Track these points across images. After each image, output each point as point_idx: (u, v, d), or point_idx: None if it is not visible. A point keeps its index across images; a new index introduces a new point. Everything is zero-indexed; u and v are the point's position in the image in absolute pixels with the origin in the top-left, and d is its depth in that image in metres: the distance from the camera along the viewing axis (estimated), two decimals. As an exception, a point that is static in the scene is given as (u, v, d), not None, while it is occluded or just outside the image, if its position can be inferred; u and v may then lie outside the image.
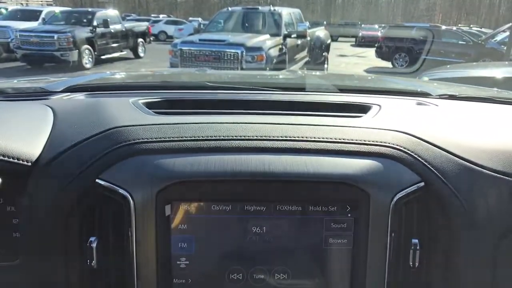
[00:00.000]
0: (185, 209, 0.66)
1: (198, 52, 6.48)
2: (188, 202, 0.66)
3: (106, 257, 0.68)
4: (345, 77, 2.03)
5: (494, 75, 3.76)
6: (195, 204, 0.66)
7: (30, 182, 0.68)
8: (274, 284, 0.69)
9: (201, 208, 0.67)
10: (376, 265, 0.67)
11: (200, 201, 0.66)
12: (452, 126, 0.87)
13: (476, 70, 4.27)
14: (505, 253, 0.73)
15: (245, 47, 6.33)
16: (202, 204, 0.66)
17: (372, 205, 0.66)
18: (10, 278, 0.75)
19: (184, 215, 0.66)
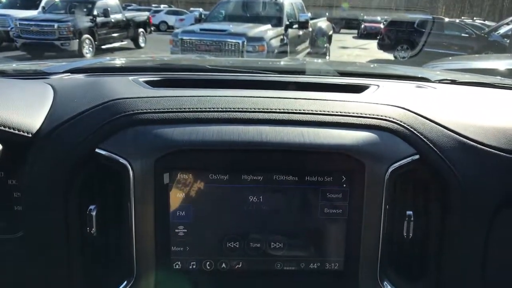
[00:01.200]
0: (183, 178, 0.66)
1: (199, 41, 6.45)
2: (186, 171, 0.66)
3: (105, 225, 0.69)
4: (345, 63, 2.04)
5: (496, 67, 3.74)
6: (193, 173, 0.67)
7: (30, 154, 0.69)
8: (270, 253, 0.70)
9: (199, 177, 0.67)
10: (371, 236, 0.68)
11: (198, 170, 0.67)
12: (449, 105, 0.88)
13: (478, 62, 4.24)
14: (499, 227, 0.73)
15: (246, 37, 6.30)
16: (200, 173, 0.67)
17: (367, 175, 0.66)
18: (12, 250, 0.75)
19: (182, 184, 0.67)
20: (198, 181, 0.67)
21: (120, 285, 0.68)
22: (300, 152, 0.66)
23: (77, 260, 0.70)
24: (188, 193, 0.67)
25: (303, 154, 0.66)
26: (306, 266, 0.71)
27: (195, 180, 0.67)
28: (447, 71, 1.93)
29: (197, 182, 0.67)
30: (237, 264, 0.70)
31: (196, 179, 0.67)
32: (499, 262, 0.76)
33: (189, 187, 0.67)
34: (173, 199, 0.67)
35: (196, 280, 0.69)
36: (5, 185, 0.79)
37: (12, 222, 0.79)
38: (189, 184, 0.67)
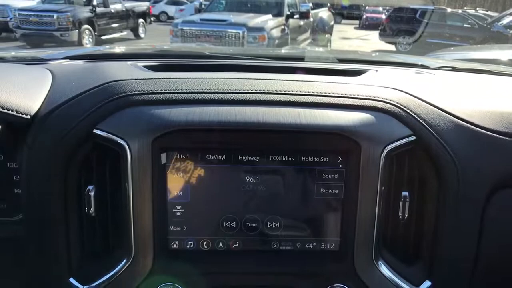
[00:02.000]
0: (181, 158, 0.67)
1: (199, 32, 6.42)
2: (183, 151, 0.67)
3: (104, 205, 0.70)
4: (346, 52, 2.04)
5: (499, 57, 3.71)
6: (190, 154, 0.67)
7: (29, 135, 0.70)
8: (266, 232, 0.70)
9: (196, 157, 0.67)
10: (366, 216, 0.69)
11: (195, 150, 0.67)
12: (447, 89, 0.88)
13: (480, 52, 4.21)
14: (494, 208, 0.74)
15: (247, 27, 6.26)
16: (197, 153, 0.67)
17: (363, 156, 0.67)
18: (13, 232, 0.76)
19: (180, 164, 0.67)
20: (195, 161, 0.68)
21: (119, 264, 0.69)
22: (297, 132, 0.66)
23: (76, 240, 0.71)
24: (185, 173, 0.68)
25: (299, 135, 0.67)
26: (302, 246, 0.71)
27: (192, 160, 0.68)
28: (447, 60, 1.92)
29: (194, 162, 0.68)
30: (234, 243, 0.71)
31: (193, 159, 0.68)
32: (493, 244, 0.76)
33: (187, 167, 0.68)
34: (171, 179, 0.68)
35: (193, 260, 0.70)
36: (5, 168, 0.80)
37: (12, 204, 0.80)
38: (186, 164, 0.68)
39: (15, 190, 0.81)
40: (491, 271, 0.78)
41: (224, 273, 0.69)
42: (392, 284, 0.71)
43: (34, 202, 0.69)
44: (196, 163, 0.68)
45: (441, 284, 0.74)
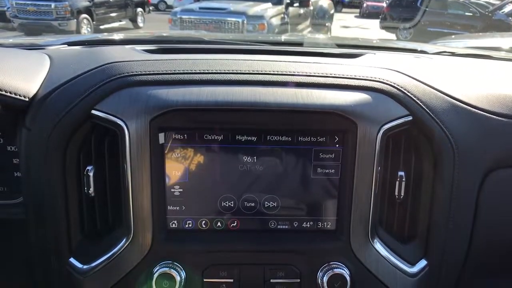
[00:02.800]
0: (178, 138, 0.68)
1: (198, 20, 6.37)
2: (181, 131, 0.67)
3: (103, 185, 0.70)
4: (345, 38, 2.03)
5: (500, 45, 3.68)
6: (188, 133, 0.68)
7: (28, 118, 0.70)
8: (264, 212, 0.71)
9: (193, 137, 0.68)
10: (363, 196, 0.69)
11: (193, 130, 0.68)
12: (444, 71, 0.88)
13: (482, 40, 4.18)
14: (489, 188, 0.75)
15: (246, 16, 6.21)
16: (195, 133, 0.68)
17: (359, 135, 0.67)
18: (14, 215, 0.77)
19: (178, 144, 0.68)
20: (193, 141, 0.68)
21: (118, 243, 0.70)
22: (293, 112, 0.67)
23: (76, 221, 0.72)
24: (183, 153, 0.69)
25: (296, 114, 0.67)
26: (299, 225, 0.72)
27: (190, 141, 0.68)
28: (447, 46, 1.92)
29: (192, 142, 0.68)
30: (232, 223, 0.72)
31: (191, 139, 0.68)
32: (488, 224, 0.77)
33: (184, 147, 0.68)
34: (169, 159, 0.68)
35: (192, 239, 0.71)
36: (4, 151, 0.80)
37: (12, 187, 0.81)
38: (184, 144, 0.68)
39: (15, 174, 0.82)
40: (486, 250, 0.79)
41: (222, 251, 0.70)
42: (388, 262, 0.72)
43: (33, 183, 0.70)
44: (194, 143, 0.68)
45: (436, 263, 0.75)
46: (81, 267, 0.71)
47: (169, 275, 0.68)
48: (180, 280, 0.68)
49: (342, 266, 0.70)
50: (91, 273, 0.70)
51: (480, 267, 0.82)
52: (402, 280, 0.73)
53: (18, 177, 0.78)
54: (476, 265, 0.80)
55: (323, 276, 0.70)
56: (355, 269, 0.71)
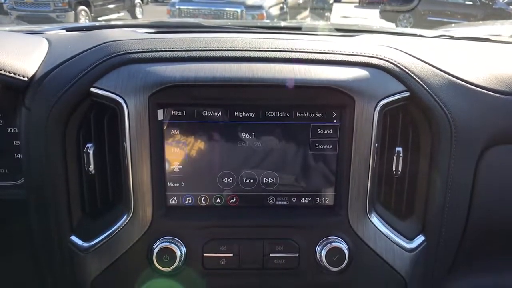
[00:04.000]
0: (177, 115, 0.68)
1: (197, 11, 6.35)
2: (179, 107, 0.68)
3: (103, 162, 0.71)
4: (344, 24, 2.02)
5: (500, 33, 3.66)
6: (186, 110, 0.68)
7: (27, 97, 0.70)
8: (263, 188, 0.72)
9: (192, 114, 0.68)
10: (360, 171, 0.70)
11: (191, 106, 0.68)
12: (442, 50, 0.88)
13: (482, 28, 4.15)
14: (486, 165, 0.75)
15: (245, 6, 6.19)
16: (193, 110, 0.68)
17: (357, 111, 0.68)
18: (16, 196, 0.78)
19: (176, 121, 0.68)
20: (192, 117, 0.69)
21: (119, 220, 0.70)
22: (291, 87, 0.67)
23: (77, 199, 0.72)
24: (182, 129, 0.69)
25: (294, 89, 0.67)
26: (297, 200, 0.73)
27: (188, 117, 0.69)
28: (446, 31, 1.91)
29: (190, 118, 0.69)
30: (231, 199, 0.73)
31: (189, 115, 0.69)
32: (485, 201, 0.78)
33: (183, 123, 0.69)
34: (168, 135, 0.69)
35: (191, 215, 0.72)
36: (4, 133, 0.81)
37: (13, 169, 0.82)
38: (183, 120, 0.69)
39: (15, 155, 0.83)
40: (483, 228, 0.80)
41: (222, 226, 0.71)
42: (386, 237, 0.73)
43: (33, 162, 0.71)
44: (193, 119, 0.69)
45: (434, 239, 0.76)
46: (82, 245, 0.72)
47: (169, 250, 0.68)
48: (180, 255, 0.69)
49: (340, 240, 0.71)
50: (92, 250, 0.71)
51: (477, 246, 0.83)
52: (400, 255, 0.74)
53: (19, 159, 0.79)
54: (474, 243, 0.81)
55: (321, 250, 0.71)
56: (353, 243, 0.72)
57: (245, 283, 0.73)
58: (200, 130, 0.69)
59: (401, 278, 0.76)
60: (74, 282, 0.74)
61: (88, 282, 0.72)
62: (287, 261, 0.71)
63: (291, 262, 0.71)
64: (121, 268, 0.71)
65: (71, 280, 0.74)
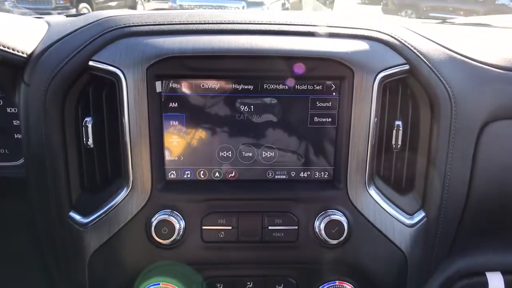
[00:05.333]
0: (176, 87, 0.68)
1: (198, 7, 6.34)
2: (177, 79, 0.68)
3: (101, 137, 0.71)
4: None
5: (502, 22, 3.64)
6: (185, 82, 0.68)
7: (26, 73, 0.71)
8: (261, 162, 0.72)
9: (190, 86, 0.68)
10: (359, 144, 0.70)
11: (190, 78, 0.68)
12: (442, 30, 0.88)
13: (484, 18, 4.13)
14: (487, 140, 0.75)
15: (246, 2, 6.19)
16: (192, 82, 0.68)
17: (356, 83, 0.67)
18: (16, 174, 0.78)
19: (175, 93, 0.68)
20: (190, 90, 0.68)
21: (118, 195, 0.70)
22: (290, 58, 0.67)
23: (76, 174, 0.72)
24: (180, 102, 0.69)
25: (292, 61, 0.67)
26: (296, 174, 0.73)
27: (187, 89, 0.68)
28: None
29: (189, 90, 0.69)
30: (230, 173, 0.72)
31: (188, 87, 0.68)
32: (485, 177, 0.77)
33: (182, 96, 0.69)
34: (166, 108, 0.69)
35: (190, 189, 0.72)
36: (4, 113, 0.81)
37: (14, 149, 0.82)
38: (181, 93, 0.68)
39: (15, 135, 0.83)
40: (484, 205, 0.80)
41: (221, 199, 0.71)
42: (386, 211, 0.73)
43: (33, 138, 0.71)
44: (191, 92, 0.69)
45: (434, 215, 0.76)
46: (81, 220, 0.72)
47: (168, 222, 0.68)
48: (179, 228, 0.69)
49: (339, 213, 0.71)
50: (91, 224, 0.71)
51: (477, 225, 0.82)
52: (400, 230, 0.74)
53: (19, 139, 0.79)
54: (474, 222, 0.81)
55: (320, 222, 0.70)
56: (353, 216, 0.72)
57: (244, 256, 0.72)
58: (199, 103, 0.69)
59: (402, 254, 0.75)
60: (74, 257, 0.74)
61: (87, 256, 0.72)
62: (286, 234, 0.71)
63: (290, 235, 0.71)
64: (120, 242, 0.71)
65: (70, 255, 0.75)
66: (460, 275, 0.90)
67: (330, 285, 0.74)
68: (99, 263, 0.73)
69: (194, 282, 0.73)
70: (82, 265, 0.73)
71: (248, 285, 0.74)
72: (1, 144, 0.83)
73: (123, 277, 0.73)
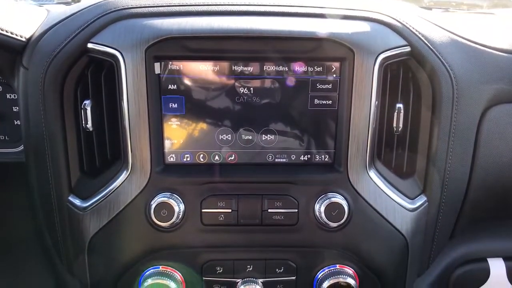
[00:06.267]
0: (174, 69, 0.67)
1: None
2: (177, 61, 0.67)
3: (101, 120, 0.70)
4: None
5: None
6: (184, 64, 0.67)
7: (25, 56, 0.70)
8: (261, 145, 0.71)
9: (189, 68, 0.68)
10: (360, 127, 0.69)
11: (189, 59, 0.67)
12: (445, 15, 0.87)
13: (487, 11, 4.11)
14: (488, 124, 0.74)
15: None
16: (191, 64, 0.67)
17: (356, 64, 0.66)
18: (16, 159, 0.78)
19: (174, 75, 0.68)
20: (189, 72, 0.68)
21: (117, 178, 0.70)
22: (289, 39, 0.66)
23: (75, 158, 0.72)
24: (179, 84, 0.68)
25: (292, 41, 0.66)
26: (297, 158, 0.72)
27: (186, 71, 0.68)
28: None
29: (188, 72, 0.68)
30: (230, 156, 0.72)
31: (187, 69, 0.68)
32: (487, 160, 0.77)
33: (181, 78, 0.68)
34: (165, 90, 0.68)
35: (190, 172, 0.71)
36: (4, 99, 0.81)
37: (13, 136, 0.82)
38: (180, 74, 0.68)
39: (15, 122, 0.83)
40: (485, 190, 0.79)
41: (220, 182, 0.71)
42: (386, 195, 0.72)
43: (32, 122, 0.70)
44: (190, 74, 0.68)
45: (435, 199, 0.75)
46: (80, 204, 0.72)
47: (167, 205, 0.68)
48: (178, 211, 0.69)
49: (340, 196, 0.70)
50: (90, 208, 0.71)
51: (479, 209, 0.81)
52: (401, 214, 0.73)
53: (19, 125, 0.79)
54: (475, 206, 0.80)
55: (320, 205, 0.70)
56: (353, 199, 0.71)
57: (244, 239, 0.72)
58: (198, 85, 0.69)
59: (403, 238, 0.75)
60: (73, 240, 0.74)
61: (87, 240, 0.72)
62: (286, 217, 0.71)
63: (290, 218, 0.71)
64: (119, 225, 0.71)
65: (70, 239, 0.75)
66: (461, 261, 0.90)
67: (331, 268, 0.74)
68: (98, 247, 0.73)
69: (194, 265, 0.73)
70: (82, 249, 0.73)
71: (248, 268, 0.73)
72: (1, 130, 0.83)
73: (122, 260, 0.73)
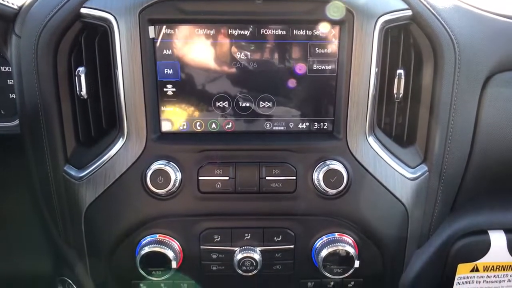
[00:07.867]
0: (169, 33, 0.66)
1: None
2: (171, 24, 0.65)
3: (95, 86, 0.69)
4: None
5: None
6: (179, 28, 0.66)
7: (17, 24, 0.69)
8: (259, 113, 0.70)
9: (185, 32, 0.66)
10: (360, 92, 0.67)
11: (184, 23, 0.65)
12: None
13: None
14: (491, 91, 0.72)
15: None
16: (186, 28, 0.66)
17: (356, 27, 0.65)
18: (11, 132, 0.77)
19: (169, 39, 0.66)
20: (185, 36, 0.66)
21: (113, 146, 0.69)
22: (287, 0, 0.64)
23: (70, 127, 0.71)
24: (174, 49, 0.67)
25: (290, 2, 0.64)
26: (295, 126, 0.71)
27: (181, 36, 0.66)
28: None
29: (183, 37, 0.66)
30: (227, 124, 0.71)
31: (182, 34, 0.66)
32: (488, 130, 0.75)
33: (176, 42, 0.66)
34: (160, 55, 0.67)
35: (186, 140, 0.70)
36: None
37: (9, 110, 0.81)
38: (175, 39, 0.66)
39: (10, 95, 0.82)
40: (486, 160, 0.78)
41: (217, 150, 0.69)
42: (386, 163, 0.71)
43: (26, 90, 0.69)
44: (185, 38, 0.66)
45: (436, 169, 0.74)
46: (76, 174, 0.71)
47: (164, 172, 0.67)
48: (175, 179, 0.68)
49: (338, 163, 0.69)
50: (86, 177, 0.70)
51: (480, 180, 0.80)
52: (401, 183, 0.72)
53: (14, 99, 0.77)
54: (476, 177, 0.79)
55: (319, 173, 0.69)
56: (352, 167, 0.70)
57: (242, 207, 0.71)
58: (194, 50, 0.67)
59: (403, 207, 0.74)
60: (70, 210, 0.74)
61: (83, 209, 0.72)
62: (284, 184, 0.70)
63: (288, 186, 0.70)
64: (115, 193, 0.70)
65: (67, 209, 0.74)
66: (462, 234, 0.89)
67: (329, 237, 0.73)
68: (95, 216, 0.72)
69: (191, 234, 0.72)
70: (79, 218, 0.73)
71: (246, 236, 0.73)
72: None
73: (119, 229, 0.72)
